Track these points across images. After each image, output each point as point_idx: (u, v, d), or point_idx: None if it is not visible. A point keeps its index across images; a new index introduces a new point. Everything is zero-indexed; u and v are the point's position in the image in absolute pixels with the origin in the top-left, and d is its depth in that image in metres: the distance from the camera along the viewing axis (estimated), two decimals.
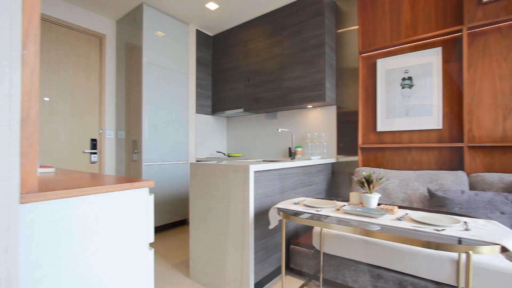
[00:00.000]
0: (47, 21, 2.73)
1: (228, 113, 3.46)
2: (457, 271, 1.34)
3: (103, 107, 3.17)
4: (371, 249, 1.61)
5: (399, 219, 1.23)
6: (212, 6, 2.97)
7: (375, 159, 2.54)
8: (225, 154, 3.63)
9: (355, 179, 1.52)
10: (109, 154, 3.23)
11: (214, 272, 1.84)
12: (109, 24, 3.26)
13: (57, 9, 2.80)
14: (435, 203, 1.78)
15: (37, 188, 0.71)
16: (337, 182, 2.75)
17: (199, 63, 3.55)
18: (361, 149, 2.60)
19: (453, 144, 2.09)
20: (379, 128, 2.51)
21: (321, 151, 2.85)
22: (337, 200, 1.72)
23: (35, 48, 0.69)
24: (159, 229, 3.12)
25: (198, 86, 3.52)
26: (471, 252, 0.91)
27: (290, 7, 2.82)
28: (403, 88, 2.38)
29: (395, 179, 2.15)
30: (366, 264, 1.65)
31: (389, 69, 2.46)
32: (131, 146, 3.02)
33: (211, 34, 3.71)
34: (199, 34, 3.56)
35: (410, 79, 2.35)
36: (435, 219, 1.21)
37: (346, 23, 2.74)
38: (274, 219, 1.59)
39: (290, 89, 2.79)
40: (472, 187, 1.90)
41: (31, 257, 0.69)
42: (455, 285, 1.36)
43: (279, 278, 1.97)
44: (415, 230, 1.09)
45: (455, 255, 1.36)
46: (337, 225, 1.19)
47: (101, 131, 3.16)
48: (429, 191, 1.85)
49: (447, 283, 1.38)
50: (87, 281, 0.80)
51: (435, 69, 2.23)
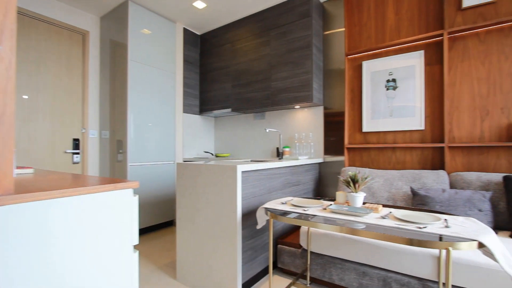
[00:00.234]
0: (25, 15, 2.62)
1: (216, 113, 3.44)
2: (438, 267, 1.39)
3: (86, 105, 3.07)
4: (356, 247, 1.64)
5: (383, 218, 1.26)
6: (199, 4, 2.94)
7: (360, 159, 2.59)
8: (213, 154, 3.61)
9: (341, 178, 1.54)
10: (92, 154, 3.13)
11: (201, 273, 1.82)
12: (93, 20, 3.16)
13: (36, 3, 2.69)
14: (418, 201, 1.84)
15: (14, 190, 0.68)
16: (324, 181, 2.79)
17: (187, 62, 3.51)
18: (348, 149, 2.64)
19: (435, 144, 2.16)
20: (365, 128, 2.56)
21: (308, 151, 2.88)
22: (324, 199, 1.74)
23: (11, 43, 0.66)
24: (145, 231, 3.05)
25: (185, 85, 3.47)
26: (450, 248, 0.94)
27: (278, 7, 2.84)
28: (388, 89, 2.45)
29: (379, 179, 2.20)
30: (352, 262, 1.69)
31: (374, 71, 2.52)
32: (116, 146, 2.95)
33: (198, 33, 3.67)
34: (187, 32, 3.51)
35: (394, 81, 2.41)
36: (418, 217, 1.24)
37: (333, 25, 2.79)
38: (261, 219, 1.60)
39: (278, 89, 2.80)
40: (452, 185, 1.97)
41: (8, 261, 0.65)
42: (437, 280, 1.41)
43: (267, 277, 1.98)
44: (399, 228, 1.12)
45: (436, 251, 1.41)
46: (323, 224, 1.21)
47: (83, 131, 3.06)
48: (412, 190, 1.91)
49: (429, 278, 1.43)
50: (67, 286, 0.77)
51: (418, 72, 2.30)
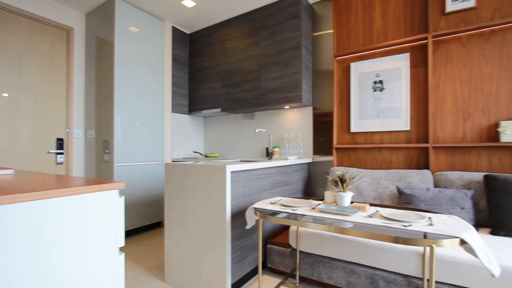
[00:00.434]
0: (5, 10, 2.52)
1: (205, 112, 3.41)
2: (423, 263, 1.42)
3: (71, 104, 2.98)
4: (344, 245, 1.67)
5: (370, 216, 1.29)
6: (188, 3, 2.91)
7: (349, 159, 2.63)
8: (202, 154, 3.58)
9: (330, 178, 1.56)
10: (77, 154, 3.04)
11: (190, 274, 1.80)
12: (78, 16, 3.07)
13: None
14: (404, 200, 1.88)
15: None
16: (313, 181, 2.82)
17: (175, 61, 3.46)
18: (336, 149, 2.68)
19: (420, 144, 2.22)
20: (353, 129, 2.60)
21: (297, 151, 2.90)
22: (313, 199, 1.76)
23: None
24: (132, 233, 2.99)
25: (174, 84, 3.43)
26: (434, 245, 0.97)
27: (267, 8, 2.84)
28: (375, 91, 2.49)
29: (367, 178, 2.24)
30: (340, 260, 1.71)
31: (361, 72, 2.56)
32: (102, 146, 2.87)
33: (188, 32, 3.63)
34: (175, 31, 3.47)
35: (381, 82, 2.46)
36: (403, 215, 1.27)
37: (322, 27, 2.82)
38: (251, 219, 1.59)
39: (267, 89, 2.80)
40: (436, 184, 2.03)
41: None
42: (421, 277, 1.44)
43: (256, 278, 1.98)
44: (385, 226, 1.14)
45: (421, 248, 1.45)
46: (312, 224, 1.22)
47: (68, 130, 2.97)
48: (398, 189, 1.95)
49: (414, 275, 1.46)
50: None
51: (404, 74, 2.35)
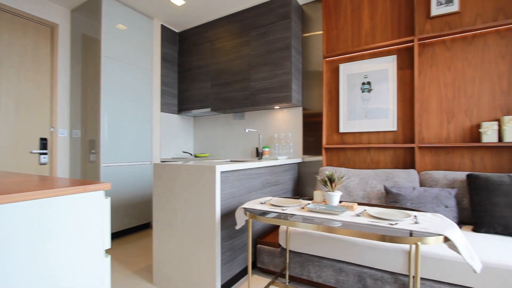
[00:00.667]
0: None
1: (195, 112, 3.38)
2: (409, 261, 1.46)
3: (55, 103, 2.89)
4: (333, 244, 1.69)
5: (358, 215, 1.31)
6: (178, 1, 2.87)
7: (338, 158, 2.66)
8: (191, 154, 3.54)
9: (319, 178, 1.57)
10: (62, 154, 2.95)
11: (179, 276, 1.78)
12: (63, 12, 2.98)
13: None
14: (391, 199, 1.92)
15: None
16: (303, 181, 2.84)
17: (164, 60, 3.42)
18: (325, 149, 2.71)
19: (406, 144, 2.27)
20: (342, 129, 2.64)
21: (287, 151, 2.91)
22: (303, 198, 1.77)
23: None
24: (120, 234, 2.93)
25: (163, 83, 3.38)
26: (419, 243, 0.99)
27: (258, 8, 2.84)
28: (363, 92, 2.54)
29: (355, 178, 2.27)
30: (328, 259, 1.73)
31: (350, 73, 2.60)
32: (88, 146, 2.80)
33: (177, 30, 3.59)
34: (164, 29, 3.42)
35: (369, 83, 2.51)
36: (390, 214, 1.30)
37: (311, 28, 2.84)
38: (241, 219, 1.59)
39: (257, 89, 2.81)
40: (422, 183, 2.08)
41: None
42: (407, 274, 1.48)
43: (246, 278, 1.97)
44: (372, 225, 1.16)
45: (407, 246, 1.48)
46: (301, 223, 1.23)
47: (52, 130, 2.88)
48: (385, 188, 1.99)
49: (400, 272, 1.50)
50: None
51: (391, 75, 2.41)
